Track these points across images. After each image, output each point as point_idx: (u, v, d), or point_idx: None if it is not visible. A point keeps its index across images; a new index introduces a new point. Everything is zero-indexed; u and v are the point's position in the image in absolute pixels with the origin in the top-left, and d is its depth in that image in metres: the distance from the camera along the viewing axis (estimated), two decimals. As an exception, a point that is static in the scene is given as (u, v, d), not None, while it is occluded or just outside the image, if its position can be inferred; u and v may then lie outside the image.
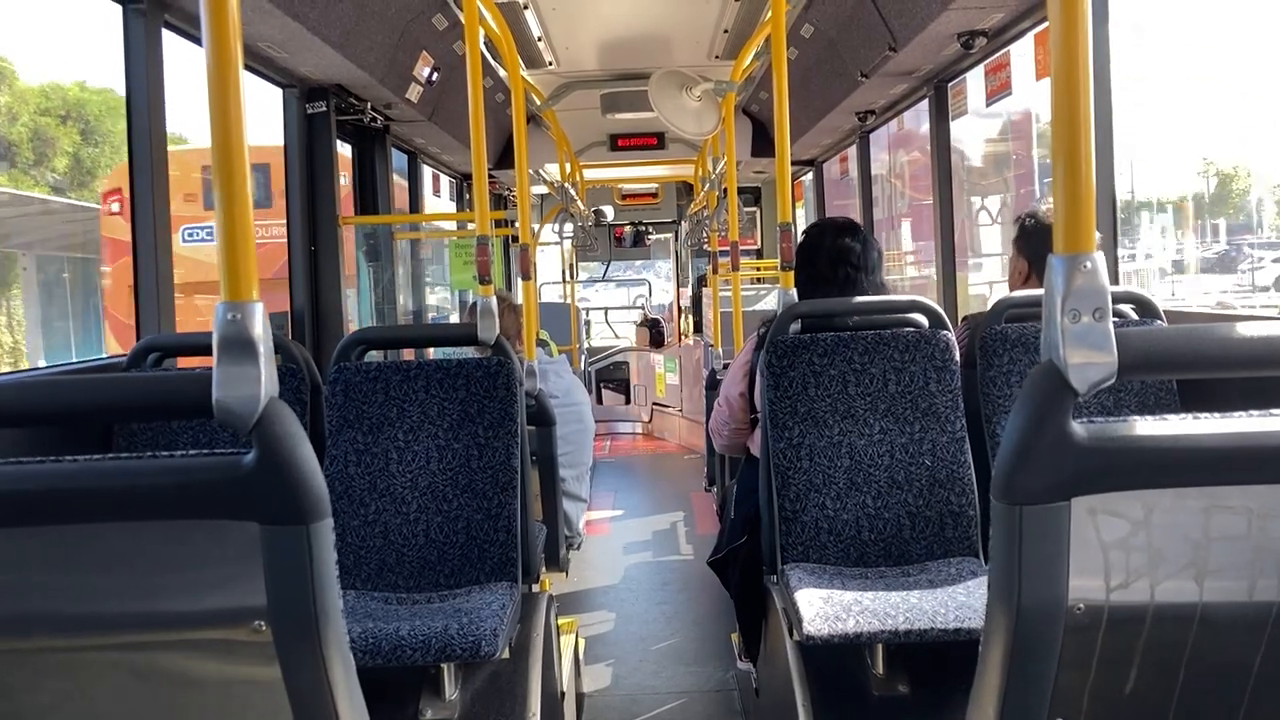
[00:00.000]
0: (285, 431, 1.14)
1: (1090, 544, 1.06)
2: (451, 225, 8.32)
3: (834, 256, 2.98)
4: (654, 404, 11.01)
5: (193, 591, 1.20)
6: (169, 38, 3.32)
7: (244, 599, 1.17)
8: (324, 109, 4.63)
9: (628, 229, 12.04)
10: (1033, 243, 3.08)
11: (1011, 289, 3.15)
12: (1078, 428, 1.04)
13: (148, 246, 3.30)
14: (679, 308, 12.39)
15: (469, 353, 3.87)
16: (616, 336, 14.43)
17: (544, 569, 3.41)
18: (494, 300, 3.00)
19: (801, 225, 8.83)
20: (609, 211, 11.16)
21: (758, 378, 3.10)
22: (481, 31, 3.73)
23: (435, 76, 5.16)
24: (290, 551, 1.16)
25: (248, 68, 4.10)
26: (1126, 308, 2.89)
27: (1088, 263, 1.02)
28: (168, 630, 1.22)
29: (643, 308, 14.27)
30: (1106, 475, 1.05)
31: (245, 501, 1.15)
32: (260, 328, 1.15)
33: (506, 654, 2.52)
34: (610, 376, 11.93)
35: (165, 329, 3.32)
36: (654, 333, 12.00)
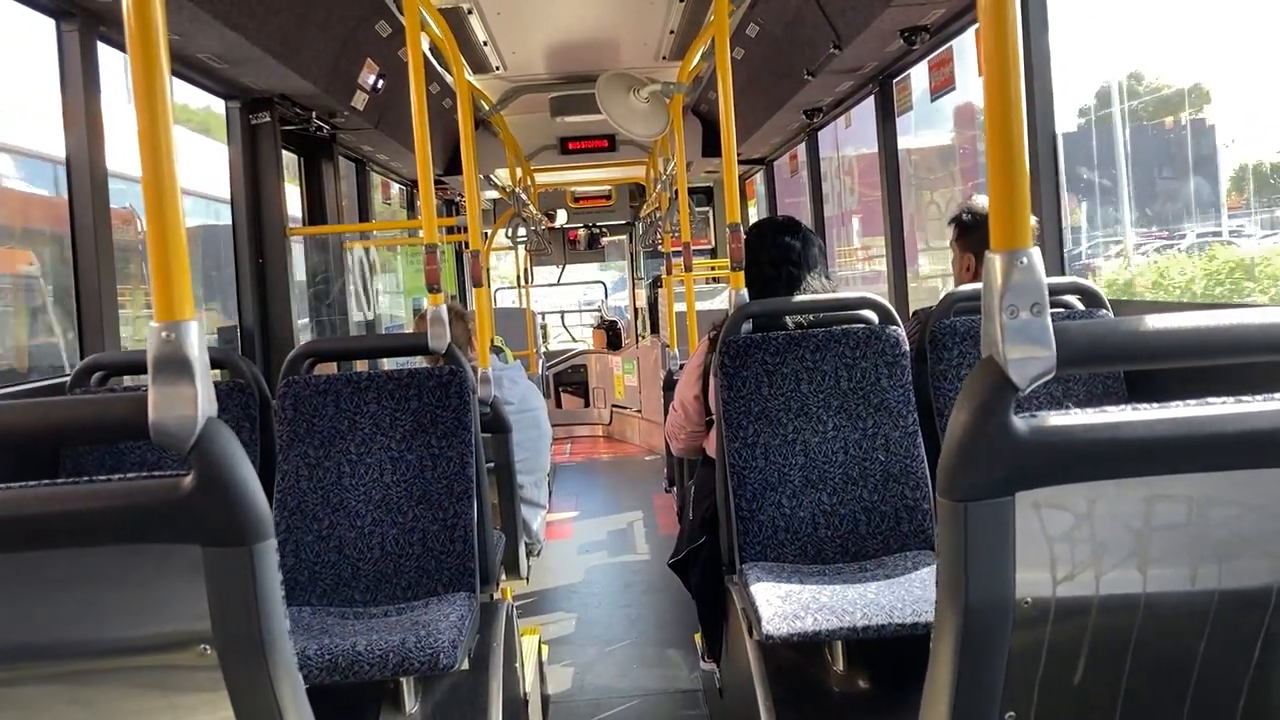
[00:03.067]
0: (224, 451, 1.12)
1: (1035, 537, 1.06)
2: (404, 233, 8.26)
3: (775, 255, 3.00)
4: (613, 406, 11.00)
5: (136, 617, 1.18)
6: (109, 54, 3.26)
7: (188, 623, 1.15)
8: (268, 119, 4.58)
9: (582, 232, 12.01)
10: (975, 236, 3.12)
11: (958, 283, 3.17)
12: (1019, 422, 1.04)
13: (89, 263, 3.24)
14: (635, 309, 12.39)
15: (419, 362, 3.84)
16: (574, 340, 14.40)
17: (504, 576, 3.39)
18: (444, 309, 2.98)
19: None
20: (562, 215, 11.13)
21: (711, 379, 3.11)
22: (426, 37, 3.71)
23: (380, 84, 5.12)
24: (233, 573, 1.14)
25: (189, 80, 4.05)
26: (1073, 298, 2.93)
27: (1024, 258, 1.03)
28: (112, 657, 1.19)
29: (599, 310, 14.26)
30: (1049, 469, 1.05)
31: (185, 524, 1.13)
32: (195, 347, 1.12)
33: (466, 665, 2.50)
34: (568, 380, 11.90)
35: (109, 348, 3.26)
36: (611, 335, 11.99)
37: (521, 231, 8.90)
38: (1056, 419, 1.05)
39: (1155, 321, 1.08)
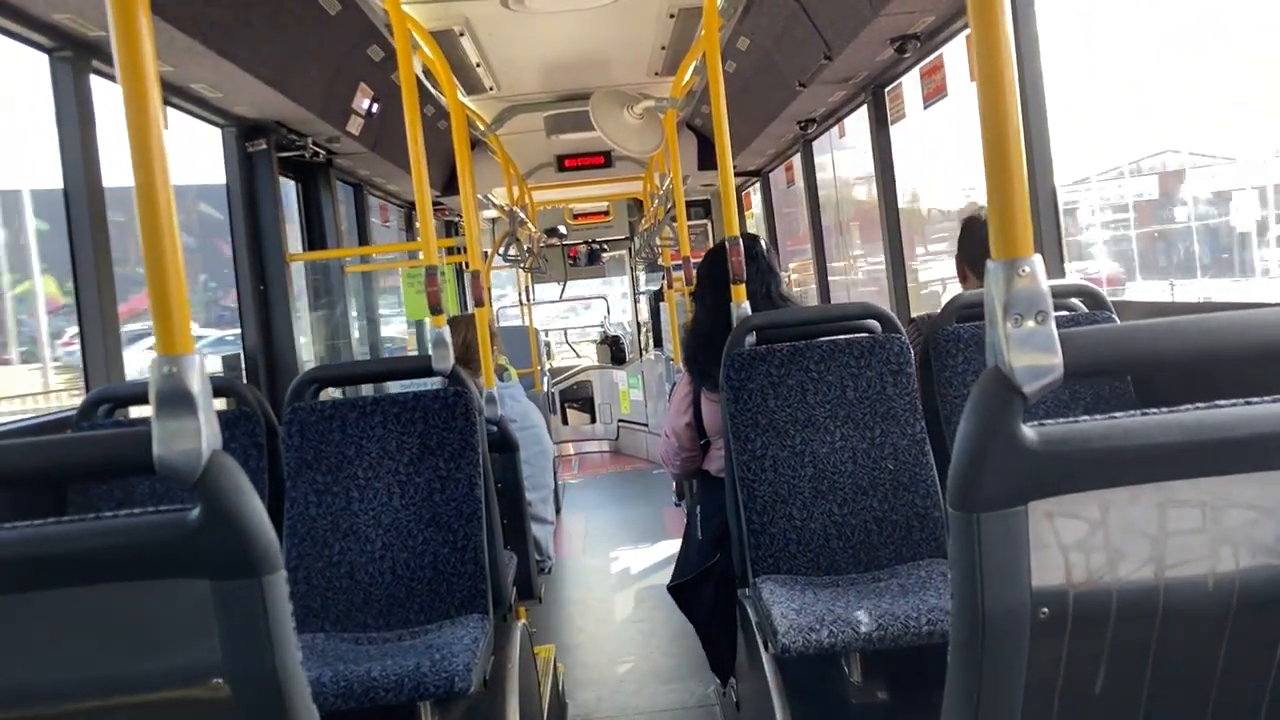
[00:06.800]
0: (231, 485, 1.12)
1: (1050, 547, 1.05)
2: (404, 255, 8.27)
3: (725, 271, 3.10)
4: (620, 421, 10.99)
5: (147, 653, 1.17)
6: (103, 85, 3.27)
7: (200, 657, 1.15)
8: (264, 146, 4.59)
9: (582, 248, 12.02)
10: (979, 243, 3.11)
11: (964, 288, 3.17)
12: (1028, 432, 1.03)
13: (90, 294, 3.25)
14: (637, 323, 12.40)
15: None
16: (578, 356, 14.40)
17: (517, 597, 3.38)
18: (447, 330, 2.98)
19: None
20: (562, 231, 11.14)
21: (703, 400, 3.13)
22: (419, 60, 3.71)
23: (375, 108, 5.13)
24: (244, 606, 1.13)
25: (184, 110, 4.06)
26: (1076, 300, 2.93)
27: (1025, 267, 1.02)
28: (123, 694, 1.19)
29: (602, 325, 14.27)
30: (1061, 478, 1.04)
31: (193, 558, 1.12)
32: (198, 380, 1.12)
33: (482, 687, 2.49)
34: (574, 396, 11.89)
35: (114, 379, 3.26)
36: (614, 350, 11.99)
37: (513, 250, 8.91)
38: (1067, 427, 1.04)
39: (1163, 326, 1.07)
